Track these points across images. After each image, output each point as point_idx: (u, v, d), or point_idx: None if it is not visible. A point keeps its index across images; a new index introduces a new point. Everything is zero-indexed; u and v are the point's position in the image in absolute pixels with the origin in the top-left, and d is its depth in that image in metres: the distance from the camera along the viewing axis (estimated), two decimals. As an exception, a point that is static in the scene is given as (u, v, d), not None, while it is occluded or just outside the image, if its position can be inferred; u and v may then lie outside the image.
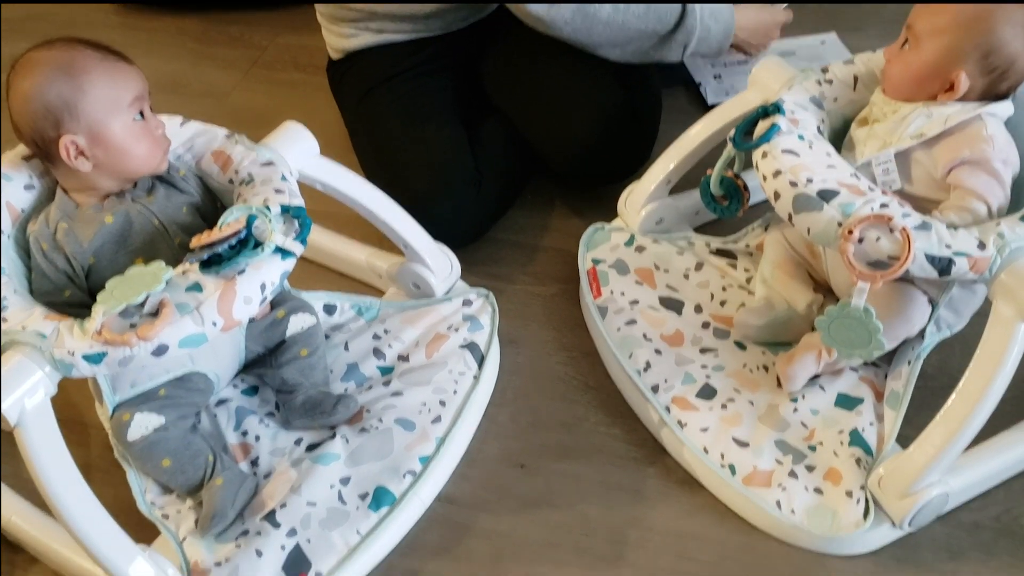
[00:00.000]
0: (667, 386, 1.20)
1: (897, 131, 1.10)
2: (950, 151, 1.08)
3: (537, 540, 1.12)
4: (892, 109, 1.11)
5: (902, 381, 1.14)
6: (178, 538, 1.07)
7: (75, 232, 1.05)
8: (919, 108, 1.10)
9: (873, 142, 1.11)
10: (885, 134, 1.11)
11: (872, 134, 1.12)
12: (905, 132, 1.09)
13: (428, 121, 1.45)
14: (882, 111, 1.13)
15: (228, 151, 1.12)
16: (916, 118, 1.09)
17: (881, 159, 1.09)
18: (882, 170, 1.09)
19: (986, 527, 1.11)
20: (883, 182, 1.09)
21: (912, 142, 1.09)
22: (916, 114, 1.09)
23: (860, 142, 1.13)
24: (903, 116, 1.10)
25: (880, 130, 1.11)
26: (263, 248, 0.97)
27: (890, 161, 1.09)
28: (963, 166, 1.07)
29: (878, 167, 1.09)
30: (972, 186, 1.06)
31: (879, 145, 1.10)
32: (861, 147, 1.12)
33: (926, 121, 1.09)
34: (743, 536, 1.11)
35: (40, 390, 0.93)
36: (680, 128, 1.35)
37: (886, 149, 1.09)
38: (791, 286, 1.23)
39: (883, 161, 1.09)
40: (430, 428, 1.17)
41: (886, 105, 1.12)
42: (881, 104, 1.13)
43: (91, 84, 1.02)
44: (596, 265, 1.35)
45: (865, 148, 1.12)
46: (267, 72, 1.86)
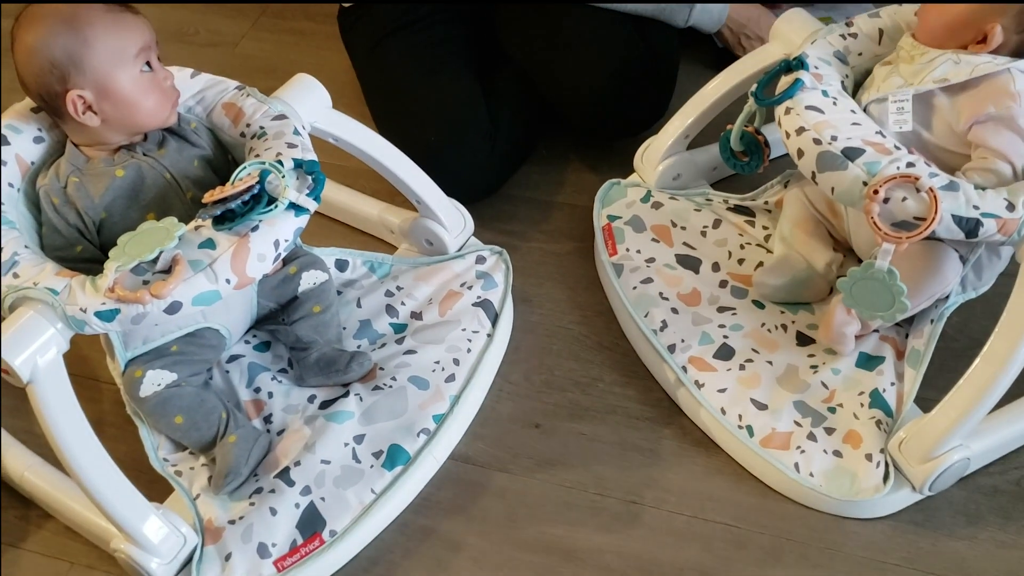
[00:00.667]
0: (684, 346, 1.18)
1: (921, 73, 1.07)
2: (974, 104, 1.05)
3: (552, 500, 1.12)
4: (920, 52, 1.08)
5: (923, 340, 1.13)
6: (191, 495, 1.07)
7: (86, 186, 1.04)
8: (947, 54, 1.07)
9: (894, 79, 1.09)
10: (909, 75, 1.08)
11: (895, 71, 1.09)
12: (929, 75, 1.06)
13: (441, 71, 1.42)
14: (909, 54, 1.10)
15: (239, 104, 1.10)
16: (943, 63, 1.06)
17: (899, 96, 1.07)
18: (897, 107, 1.06)
19: (1005, 491, 1.10)
20: (895, 120, 1.07)
21: (934, 86, 1.06)
22: (944, 59, 1.06)
23: (880, 78, 1.11)
24: (930, 59, 1.07)
25: (904, 70, 1.09)
26: (277, 204, 0.96)
27: (908, 100, 1.06)
28: (987, 123, 1.04)
29: (894, 103, 1.07)
30: (996, 145, 1.04)
31: (899, 84, 1.08)
32: (879, 83, 1.10)
33: (953, 67, 1.06)
34: (760, 498, 1.11)
35: (52, 347, 0.92)
36: (699, 82, 1.32)
37: (907, 88, 1.07)
38: (810, 245, 1.21)
39: (901, 99, 1.06)
40: (444, 387, 1.16)
41: (914, 49, 1.09)
42: (909, 48, 1.10)
43: (96, 36, 0.99)
44: (612, 222, 1.33)
45: (883, 84, 1.09)
46: (276, 21, 1.83)
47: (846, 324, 1.12)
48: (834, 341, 1.14)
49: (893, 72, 1.10)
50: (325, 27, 1.59)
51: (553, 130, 1.51)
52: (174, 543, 1.02)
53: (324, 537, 1.05)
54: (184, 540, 1.03)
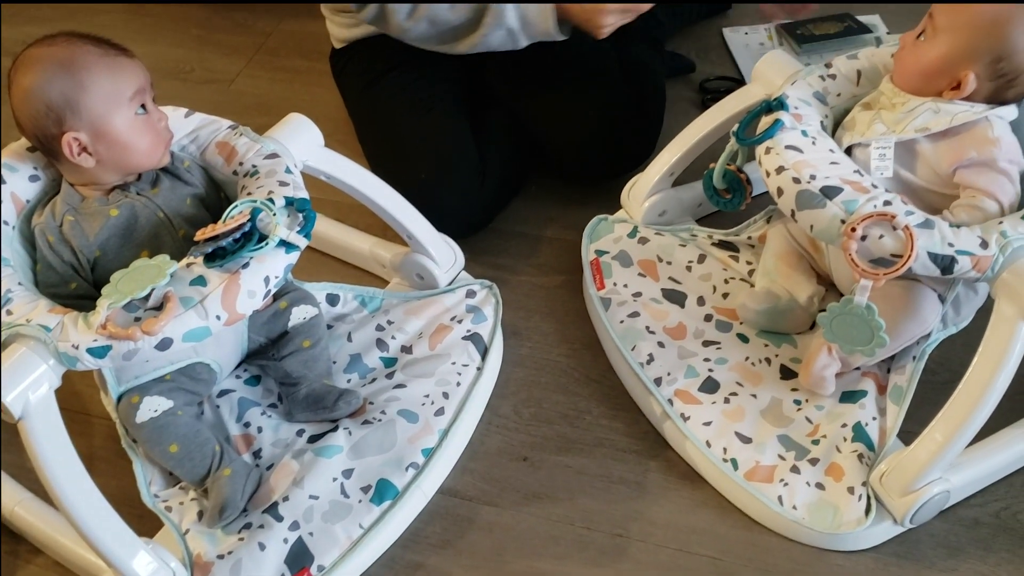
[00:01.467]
0: (670, 379, 1.20)
1: (903, 122, 1.10)
2: (956, 151, 1.08)
3: (539, 533, 1.13)
4: (901, 101, 1.11)
5: (906, 376, 1.15)
6: (181, 530, 1.08)
7: (81, 225, 1.06)
8: (927, 103, 1.09)
9: (877, 125, 1.11)
10: (891, 122, 1.11)
11: (878, 117, 1.12)
12: (911, 124, 1.09)
13: (431, 110, 1.45)
14: (891, 101, 1.13)
15: (232, 142, 1.12)
16: (923, 112, 1.09)
17: (882, 143, 1.09)
18: (879, 154, 1.09)
19: (985, 523, 1.11)
20: (877, 166, 1.09)
21: (916, 135, 1.09)
22: (924, 108, 1.09)
23: (862, 122, 1.13)
24: (911, 108, 1.10)
25: (886, 117, 1.11)
26: (267, 242, 0.97)
27: (890, 147, 1.09)
28: (971, 166, 1.07)
29: (876, 150, 1.09)
30: (984, 185, 1.07)
31: (882, 131, 1.10)
32: (862, 127, 1.12)
33: (933, 116, 1.09)
34: (744, 531, 1.12)
35: (44, 383, 0.93)
36: (682, 120, 1.35)
37: (889, 136, 1.09)
38: (793, 278, 1.23)
39: (883, 146, 1.09)
40: (433, 420, 1.17)
41: (895, 96, 1.12)
42: (890, 95, 1.13)
43: (92, 80, 1.02)
44: (599, 256, 1.35)
45: (867, 130, 1.12)
46: (271, 59, 1.86)
47: (826, 367, 1.14)
48: (814, 385, 1.16)
49: (876, 119, 1.12)
50: (318, 65, 1.62)
51: (542, 166, 1.53)
52: (163, 577, 1.03)
53: (312, 572, 1.05)
54: (173, 574, 1.03)
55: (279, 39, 1.90)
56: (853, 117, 1.16)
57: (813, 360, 1.15)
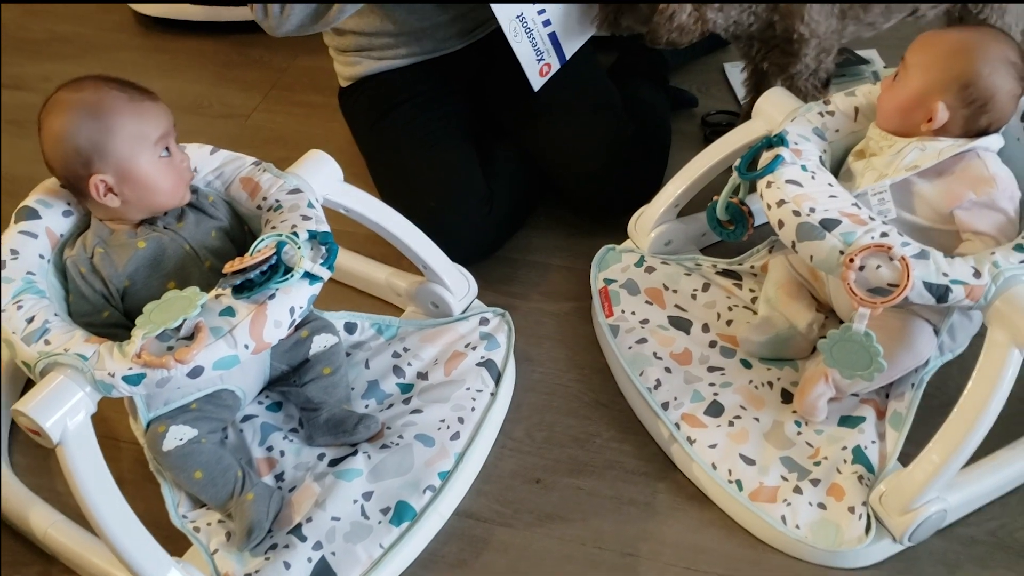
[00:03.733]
0: (676, 403, 1.24)
1: (893, 163, 1.15)
2: (953, 191, 1.12)
3: (552, 553, 1.17)
4: (888, 144, 1.16)
5: (905, 403, 1.19)
6: (209, 550, 1.12)
7: (111, 256, 1.10)
8: (913, 142, 1.15)
9: (871, 173, 1.16)
10: (882, 166, 1.15)
11: (869, 166, 1.17)
12: (901, 164, 1.14)
13: (437, 142, 1.50)
14: (878, 145, 1.18)
15: (256, 178, 1.17)
16: (911, 151, 1.14)
17: (877, 189, 1.14)
18: (877, 199, 1.14)
19: (982, 541, 1.15)
20: (879, 211, 1.13)
21: (907, 173, 1.13)
22: (911, 147, 1.14)
23: (858, 174, 1.18)
24: (898, 149, 1.15)
25: (877, 163, 1.16)
26: (292, 274, 1.02)
27: (885, 191, 1.14)
28: (971, 208, 1.12)
29: (874, 196, 1.14)
30: (985, 229, 1.11)
31: (876, 176, 1.15)
32: (859, 179, 1.17)
33: (920, 154, 1.14)
34: (750, 550, 1.15)
35: (82, 410, 0.98)
36: (685, 153, 1.40)
37: (882, 180, 1.14)
38: (793, 306, 1.27)
39: (879, 191, 1.14)
40: (449, 444, 1.21)
41: (883, 140, 1.17)
42: (878, 139, 1.18)
43: (119, 125, 1.07)
44: (608, 285, 1.39)
45: (862, 179, 1.16)
46: (287, 94, 1.91)
47: (820, 396, 1.19)
48: (807, 412, 1.20)
49: (868, 167, 1.17)
50: (332, 100, 1.67)
51: (551, 196, 1.58)
52: (193, 596, 1.07)
53: (335, 590, 1.10)
54: (202, 593, 1.08)
55: (294, 75, 1.96)
56: (848, 169, 1.21)
57: (809, 389, 1.19)
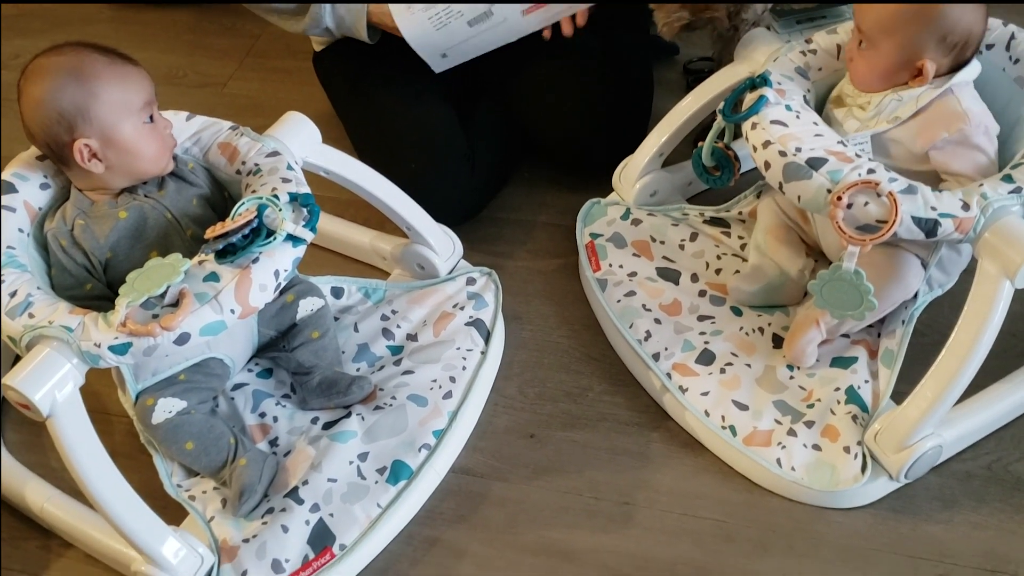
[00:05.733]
0: (667, 354, 1.24)
1: (874, 117, 1.14)
2: (927, 131, 1.11)
3: (549, 505, 1.17)
4: (865, 100, 1.15)
5: (896, 340, 1.19)
6: (205, 518, 1.12)
7: (92, 228, 1.09)
8: (889, 95, 1.13)
9: (851, 123, 1.16)
10: (864, 118, 1.15)
11: (850, 115, 1.16)
12: (882, 116, 1.13)
13: (416, 102, 1.48)
14: (855, 101, 1.17)
15: (234, 143, 1.16)
16: (889, 103, 1.13)
17: (857, 139, 1.13)
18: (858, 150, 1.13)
19: (977, 476, 1.16)
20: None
21: (888, 125, 1.13)
22: (887, 100, 1.13)
23: (838, 123, 1.17)
24: (877, 103, 1.14)
25: (858, 113, 1.16)
26: (275, 236, 1.01)
27: (866, 142, 1.13)
28: (944, 148, 1.11)
29: (854, 147, 1.13)
30: (960, 169, 1.11)
31: (857, 127, 1.15)
32: (839, 127, 1.16)
33: (898, 105, 1.13)
34: (746, 494, 1.16)
35: (70, 381, 0.97)
36: (667, 102, 1.39)
37: (863, 131, 1.13)
38: (783, 252, 1.27)
39: (859, 142, 1.13)
40: (442, 403, 1.21)
41: (859, 97, 1.16)
42: (854, 96, 1.17)
43: (102, 88, 1.05)
44: (594, 239, 1.38)
45: (843, 128, 1.16)
46: (261, 60, 1.89)
47: (811, 342, 1.19)
48: (796, 357, 1.20)
49: (849, 115, 1.16)
50: (307, 64, 1.65)
51: (533, 153, 1.57)
52: (192, 563, 1.06)
53: (334, 551, 1.09)
54: (201, 560, 1.07)
55: (267, 41, 1.93)
56: (829, 115, 1.20)
57: (799, 335, 1.19)
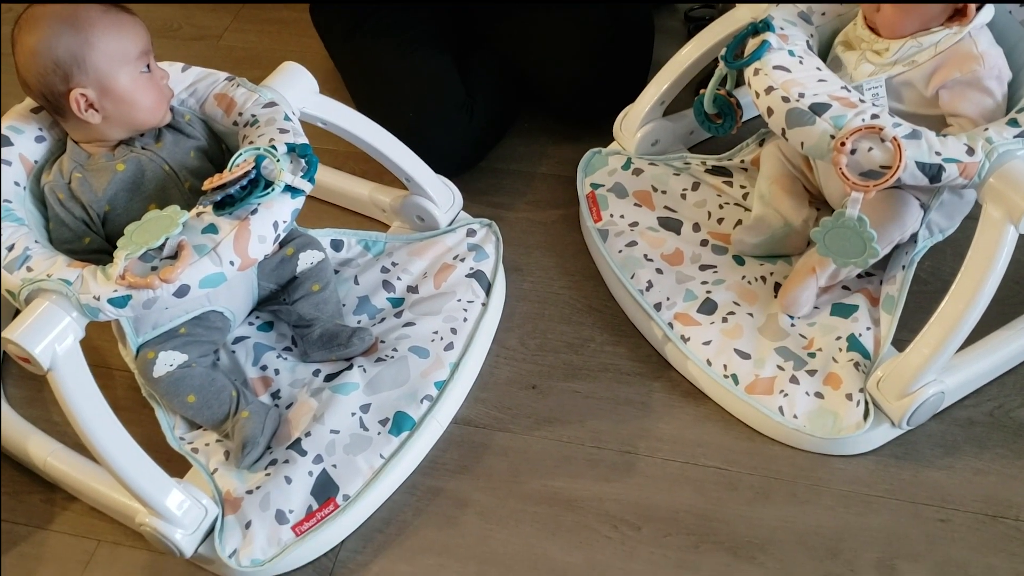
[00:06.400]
0: (669, 303, 1.24)
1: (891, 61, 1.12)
2: (941, 72, 1.10)
3: (551, 455, 1.17)
4: (883, 46, 1.13)
5: (897, 285, 1.18)
6: (209, 470, 1.12)
7: (89, 181, 1.08)
8: (908, 40, 1.11)
9: (865, 67, 1.14)
10: (878, 62, 1.13)
11: (864, 59, 1.14)
12: (899, 60, 1.11)
13: (414, 51, 1.46)
14: (871, 48, 1.14)
15: (230, 94, 1.14)
16: (908, 49, 1.11)
17: (872, 83, 1.12)
18: (872, 94, 1.11)
19: (979, 422, 1.16)
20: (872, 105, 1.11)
21: (905, 68, 1.11)
22: (907, 46, 1.11)
23: (850, 64, 1.15)
24: (895, 50, 1.12)
25: (873, 58, 1.13)
26: (273, 187, 1.00)
27: (881, 86, 1.11)
28: (954, 87, 1.09)
29: (868, 91, 1.12)
30: (966, 111, 1.09)
31: (871, 71, 1.13)
32: (851, 69, 1.15)
33: (917, 50, 1.11)
34: (748, 442, 1.16)
35: (70, 335, 0.96)
36: (668, 49, 1.37)
37: (878, 75, 1.12)
38: (787, 202, 1.26)
39: (874, 86, 1.11)
40: (443, 355, 1.21)
41: (876, 43, 1.13)
42: (871, 41, 1.14)
43: (98, 37, 1.03)
44: (595, 189, 1.38)
45: (855, 72, 1.14)
46: (257, 11, 1.86)
47: (805, 289, 1.18)
48: (788, 306, 1.20)
49: (862, 59, 1.14)
50: (305, 15, 1.63)
51: (533, 103, 1.55)
52: (196, 514, 1.07)
53: (338, 501, 1.10)
54: (205, 511, 1.08)
55: (264, -9, 1.91)
56: (837, 58, 1.18)
57: (796, 283, 1.19)
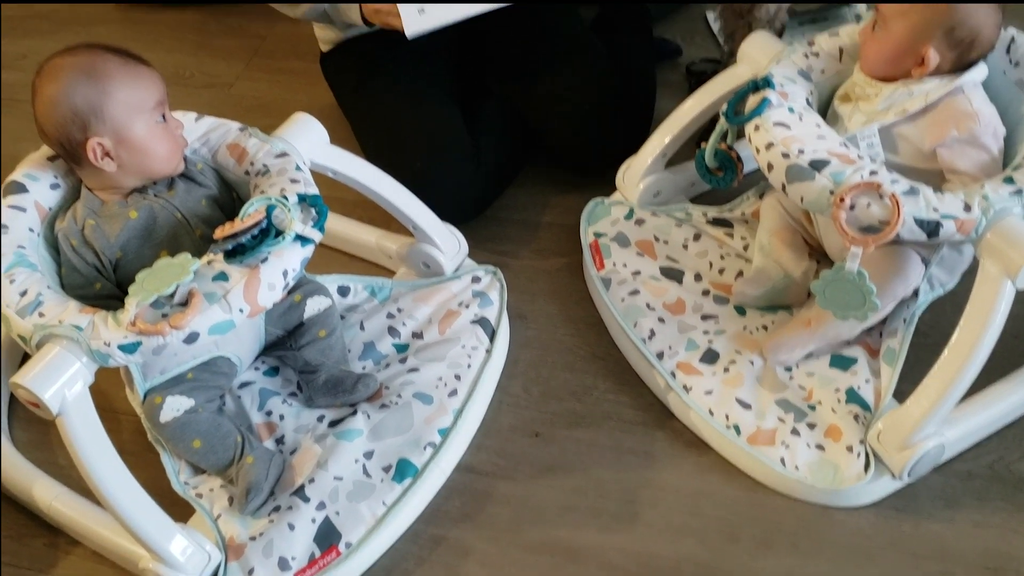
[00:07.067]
0: (671, 352, 1.25)
1: (881, 108, 1.14)
2: (937, 128, 1.12)
3: (554, 504, 1.18)
4: (875, 90, 1.16)
5: (898, 339, 1.20)
6: (212, 515, 1.13)
7: (102, 228, 1.10)
8: (898, 87, 1.14)
9: (858, 117, 1.16)
10: (870, 111, 1.15)
11: (857, 110, 1.17)
12: (889, 109, 1.14)
13: (422, 102, 1.49)
14: (864, 91, 1.17)
15: (243, 144, 1.16)
16: (899, 96, 1.14)
17: (866, 133, 1.14)
18: (866, 144, 1.14)
19: (980, 475, 1.16)
20: (868, 155, 1.13)
21: (895, 117, 1.13)
22: (898, 93, 1.14)
23: (845, 117, 1.18)
24: (887, 96, 1.15)
25: (865, 107, 1.16)
26: (284, 236, 1.02)
27: (874, 135, 1.14)
28: (952, 146, 1.12)
29: (862, 141, 1.14)
30: (965, 168, 1.11)
31: (864, 121, 1.15)
32: (846, 122, 1.17)
33: (907, 98, 1.13)
34: (750, 492, 1.17)
35: (79, 380, 0.98)
36: (671, 103, 1.40)
37: (870, 124, 1.14)
38: (787, 254, 1.27)
39: (867, 135, 1.14)
40: (447, 401, 1.22)
41: (869, 86, 1.17)
42: (864, 85, 1.18)
43: (116, 88, 1.06)
44: (598, 238, 1.39)
45: (850, 123, 1.16)
46: (268, 61, 1.90)
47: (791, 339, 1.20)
48: (769, 349, 1.21)
49: (855, 111, 1.17)
50: (314, 66, 1.66)
51: (538, 152, 1.57)
52: (199, 560, 1.07)
53: (340, 549, 1.10)
54: (209, 557, 1.08)
55: (274, 42, 1.94)
56: (835, 112, 1.21)
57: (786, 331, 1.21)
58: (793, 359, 1.21)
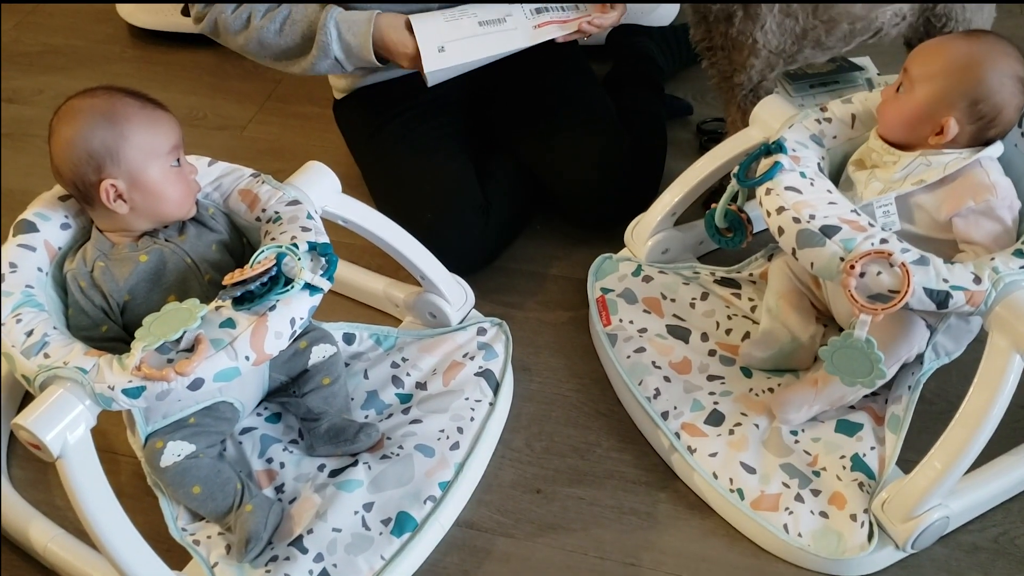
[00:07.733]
0: (676, 412, 1.24)
1: (898, 177, 1.15)
2: (953, 198, 1.13)
3: (554, 564, 1.16)
4: (893, 158, 1.17)
5: (902, 406, 1.19)
6: (209, 563, 1.11)
7: (111, 270, 1.10)
8: (918, 157, 1.15)
9: (875, 185, 1.16)
10: (887, 180, 1.16)
11: (873, 176, 1.17)
12: (907, 179, 1.14)
13: (435, 154, 1.50)
14: (882, 158, 1.18)
15: (255, 190, 1.17)
16: (917, 166, 1.14)
17: (882, 202, 1.14)
18: (883, 212, 1.14)
19: (984, 548, 1.15)
20: (883, 224, 1.14)
21: (912, 187, 1.14)
22: (916, 162, 1.14)
23: (860, 183, 1.18)
24: (904, 165, 1.15)
25: (881, 175, 1.17)
26: (293, 285, 1.02)
27: (891, 204, 1.14)
28: (968, 216, 1.12)
29: (879, 209, 1.14)
30: (980, 239, 1.12)
31: (881, 189, 1.15)
32: (861, 188, 1.18)
33: (925, 168, 1.14)
34: (752, 559, 1.15)
35: (82, 423, 0.97)
36: (681, 161, 1.41)
37: (887, 193, 1.14)
38: (794, 317, 1.27)
39: (884, 204, 1.14)
40: (449, 454, 1.21)
41: (887, 154, 1.17)
42: (881, 152, 1.18)
43: (133, 131, 1.07)
44: (605, 294, 1.39)
45: (865, 190, 1.17)
46: (282, 105, 1.91)
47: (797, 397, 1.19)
48: (774, 404, 1.21)
49: (872, 177, 1.17)
50: (327, 111, 1.67)
51: (547, 206, 1.58)
52: (194, 609, 1.06)
53: (337, 602, 1.09)
54: (203, 607, 1.07)
55: (289, 86, 1.95)
56: (848, 178, 1.21)
57: (793, 390, 1.20)
58: (800, 419, 1.21)
